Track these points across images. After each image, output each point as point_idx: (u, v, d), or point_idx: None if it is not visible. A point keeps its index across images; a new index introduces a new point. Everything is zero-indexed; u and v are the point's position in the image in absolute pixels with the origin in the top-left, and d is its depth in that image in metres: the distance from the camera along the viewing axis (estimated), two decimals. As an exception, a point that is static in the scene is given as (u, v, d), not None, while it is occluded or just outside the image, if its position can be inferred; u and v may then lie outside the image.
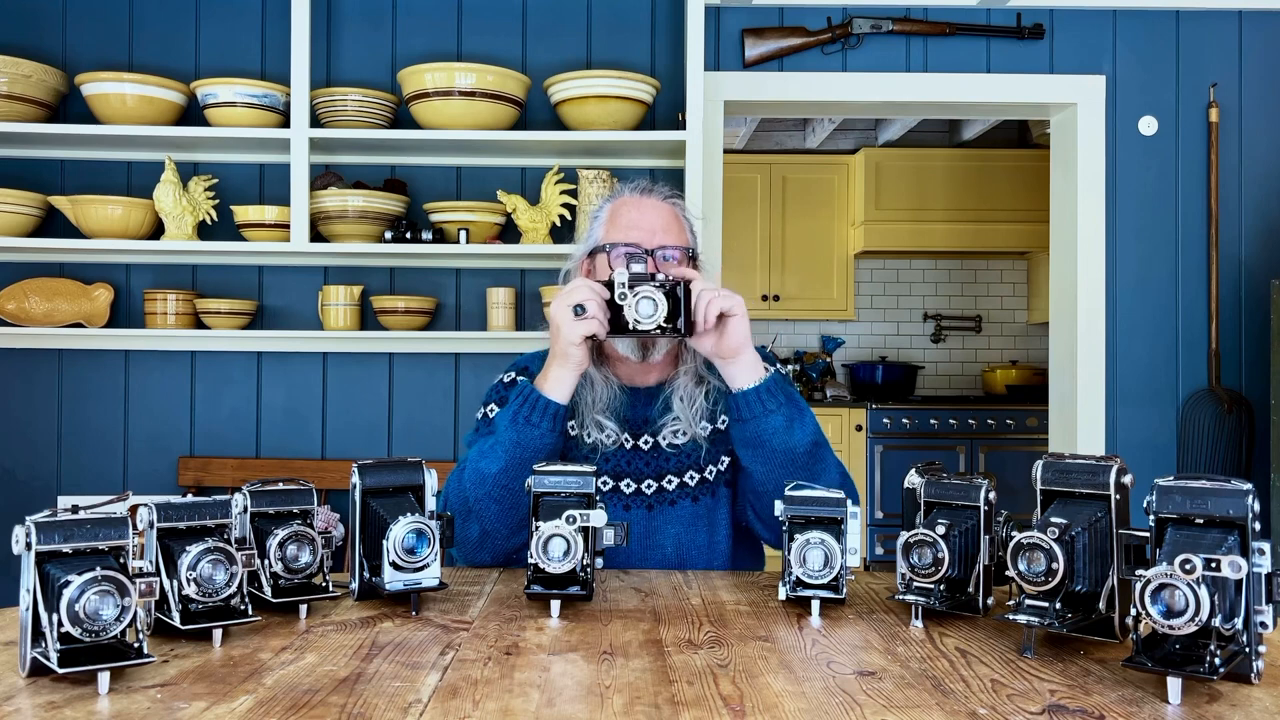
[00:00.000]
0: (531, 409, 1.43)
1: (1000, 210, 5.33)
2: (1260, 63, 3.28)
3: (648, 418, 1.57)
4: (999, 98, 3.25)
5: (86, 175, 3.04)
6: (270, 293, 3.10)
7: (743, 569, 1.57)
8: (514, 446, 1.42)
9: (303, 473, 2.97)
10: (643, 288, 1.37)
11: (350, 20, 3.08)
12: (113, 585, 0.87)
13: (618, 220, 1.58)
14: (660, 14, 3.11)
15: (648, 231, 1.54)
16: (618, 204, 1.61)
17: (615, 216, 1.58)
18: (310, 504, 1.19)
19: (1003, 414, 5.13)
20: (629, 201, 1.59)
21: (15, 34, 3.02)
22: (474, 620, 1.13)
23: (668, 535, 1.52)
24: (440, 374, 3.11)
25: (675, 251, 1.55)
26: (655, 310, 1.37)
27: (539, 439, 1.42)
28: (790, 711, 0.83)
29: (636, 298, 1.36)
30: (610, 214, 1.60)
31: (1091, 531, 0.98)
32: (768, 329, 5.72)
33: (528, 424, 1.42)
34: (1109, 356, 3.26)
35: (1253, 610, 0.86)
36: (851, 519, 1.17)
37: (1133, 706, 0.84)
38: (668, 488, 1.54)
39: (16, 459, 3.07)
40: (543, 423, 1.42)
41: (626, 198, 1.61)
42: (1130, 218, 3.27)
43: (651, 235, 1.54)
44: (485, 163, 3.08)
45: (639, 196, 1.60)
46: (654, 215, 1.56)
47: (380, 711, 0.82)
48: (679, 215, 1.60)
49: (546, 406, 1.43)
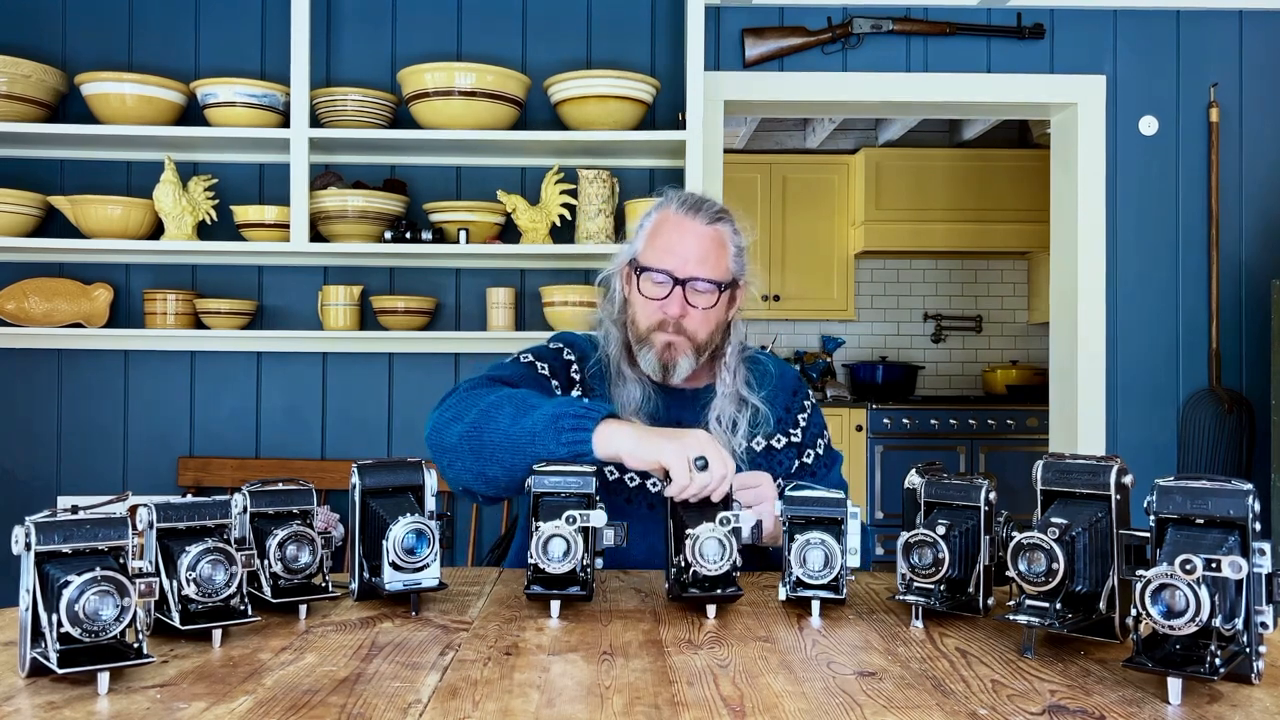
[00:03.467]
0: (574, 433, 1.29)
1: (1000, 210, 5.33)
2: (1260, 63, 3.28)
3: (681, 420, 1.56)
4: (999, 98, 3.25)
5: (86, 175, 3.04)
6: (270, 293, 3.10)
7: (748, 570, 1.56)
8: (528, 435, 1.31)
9: (303, 473, 2.97)
10: (704, 528, 1.15)
11: (350, 20, 3.08)
12: (112, 585, 0.87)
13: (657, 239, 1.52)
14: (660, 14, 3.11)
15: (682, 260, 1.49)
16: (661, 218, 1.55)
17: (656, 233, 1.53)
18: (310, 504, 1.19)
19: (1003, 414, 5.13)
20: (672, 220, 1.53)
21: (15, 34, 3.02)
22: (474, 620, 1.13)
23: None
24: (440, 374, 3.11)
25: (708, 284, 1.50)
26: (721, 555, 1.15)
27: (547, 455, 1.28)
28: (790, 712, 0.83)
29: (697, 543, 1.14)
30: (653, 228, 1.55)
31: (1092, 532, 0.98)
32: (768, 329, 5.72)
33: (555, 436, 1.29)
34: (1109, 356, 3.26)
35: (1253, 610, 0.86)
36: (851, 519, 1.17)
37: (1133, 707, 0.84)
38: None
39: (16, 459, 3.07)
40: (561, 450, 1.28)
41: (671, 214, 1.54)
42: (1130, 218, 3.27)
43: (685, 264, 1.49)
44: (485, 163, 3.08)
45: (683, 216, 1.53)
46: (693, 241, 1.50)
47: (380, 712, 0.82)
48: (724, 240, 1.53)
49: (580, 448, 1.28)
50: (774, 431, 1.61)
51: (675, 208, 1.55)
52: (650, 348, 1.53)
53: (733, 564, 1.13)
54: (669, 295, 1.50)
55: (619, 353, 1.58)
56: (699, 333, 1.53)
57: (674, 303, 1.50)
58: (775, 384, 1.65)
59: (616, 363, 1.58)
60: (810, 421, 1.68)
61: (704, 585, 1.15)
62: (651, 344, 1.53)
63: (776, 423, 1.62)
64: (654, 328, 1.52)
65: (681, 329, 1.51)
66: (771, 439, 1.61)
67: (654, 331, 1.52)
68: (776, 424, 1.62)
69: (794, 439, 1.65)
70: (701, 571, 1.13)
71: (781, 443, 1.62)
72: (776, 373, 1.67)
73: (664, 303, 1.51)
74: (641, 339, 1.54)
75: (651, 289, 1.52)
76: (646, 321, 1.53)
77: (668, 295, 1.50)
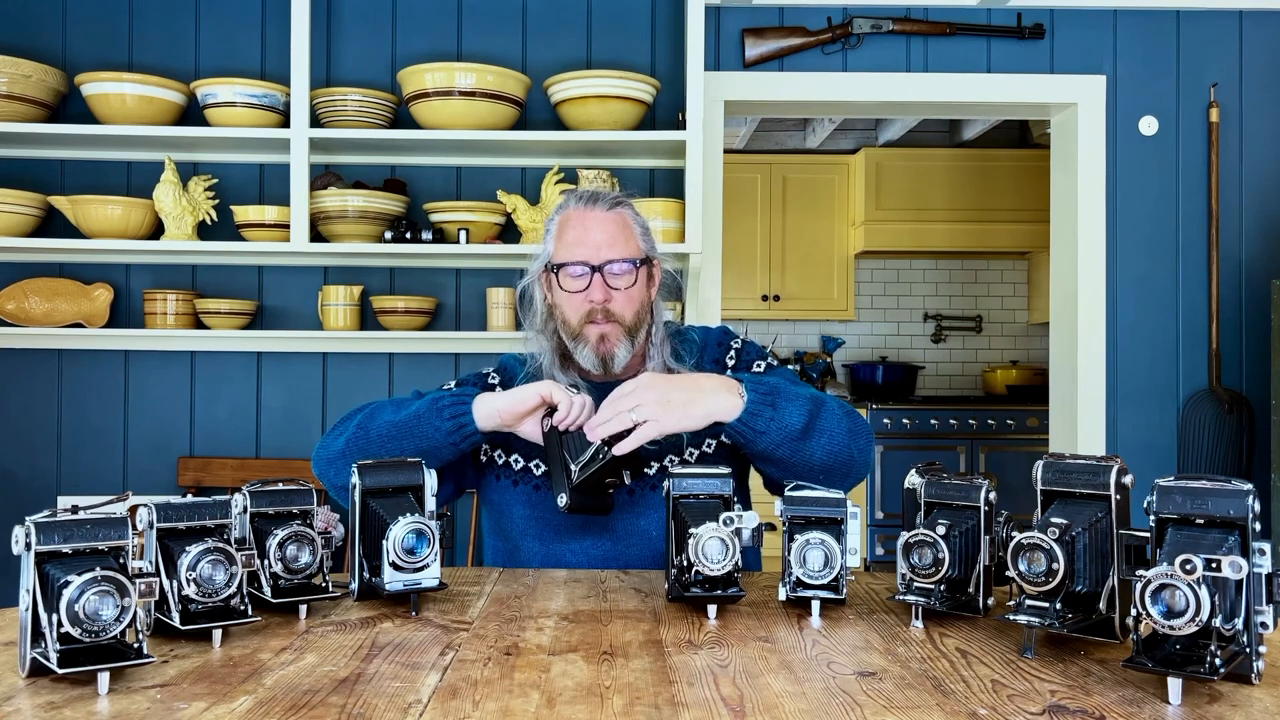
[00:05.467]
0: (454, 407, 1.44)
1: (1000, 210, 5.32)
2: (1260, 63, 3.28)
3: None
4: (999, 98, 3.25)
5: (86, 175, 3.04)
6: (270, 293, 3.10)
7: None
8: (412, 418, 1.45)
9: (303, 473, 2.97)
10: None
11: (350, 20, 3.08)
12: (112, 585, 0.87)
13: (564, 236, 1.57)
14: (660, 14, 3.11)
15: (593, 248, 1.53)
16: (564, 218, 1.59)
17: (562, 232, 1.57)
18: (310, 504, 1.19)
19: (1003, 414, 5.13)
20: (573, 215, 1.58)
21: (15, 34, 3.02)
22: (474, 620, 1.13)
23: (652, 520, 1.53)
24: (440, 374, 3.11)
25: (623, 264, 1.54)
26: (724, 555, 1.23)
27: (432, 432, 1.44)
28: (790, 712, 0.83)
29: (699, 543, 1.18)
30: (558, 229, 1.58)
31: (1092, 532, 0.98)
32: (768, 329, 5.72)
33: (438, 414, 1.44)
34: (1109, 356, 3.26)
35: (1253, 610, 0.86)
36: (851, 519, 1.17)
37: (1133, 707, 0.84)
38: (648, 473, 1.55)
39: (16, 459, 3.07)
40: (445, 424, 1.44)
41: (571, 211, 1.58)
42: (1130, 218, 3.27)
43: (598, 250, 1.53)
44: (485, 163, 3.08)
45: (583, 209, 1.57)
46: (598, 229, 1.55)
47: (380, 712, 0.82)
48: (627, 222, 1.58)
49: (463, 419, 1.44)
50: None
51: (574, 204, 1.59)
52: (585, 343, 1.55)
53: (735, 564, 1.13)
54: (590, 284, 1.53)
55: (551, 361, 1.61)
56: (625, 314, 1.55)
57: (596, 289, 1.53)
58: (700, 349, 1.65)
59: (549, 370, 1.61)
60: (741, 356, 1.66)
61: (706, 585, 1.15)
62: (585, 339, 1.55)
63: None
64: (584, 320, 1.55)
65: (610, 314, 1.54)
66: None
67: (585, 325, 1.54)
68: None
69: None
70: (704, 571, 1.13)
71: None
72: (701, 340, 1.68)
73: (586, 292, 1.53)
74: (575, 336, 1.56)
75: (571, 283, 1.54)
76: (575, 316, 1.55)
77: (589, 285, 1.53)
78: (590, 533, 1.54)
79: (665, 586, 1.23)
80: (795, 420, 1.39)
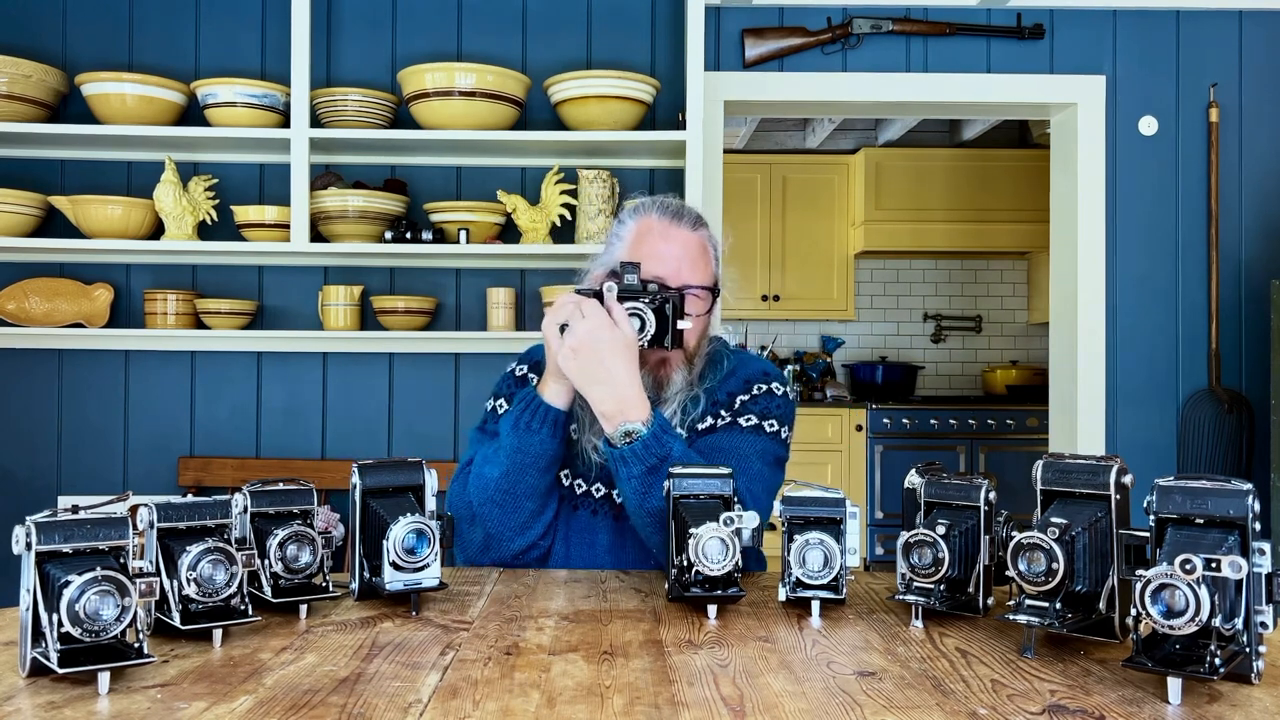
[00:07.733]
0: (532, 415, 1.42)
1: (1000, 210, 5.33)
2: (1260, 63, 3.28)
3: None
4: (999, 98, 3.25)
5: (86, 175, 3.04)
6: (270, 293, 3.10)
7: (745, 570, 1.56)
8: (515, 452, 1.42)
9: (303, 473, 2.97)
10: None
11: (350, 20, 3.08)
12: (113, 585, 0.87)
13: (642, 247, 1.48)
14: (660, 14, 3.11)
15: (674, 268, 1.46)
16: (644, 226, 1.50)
17: (640, 241, 1.49)
18: (310, 504, 1.19)
19: (1003, 414, 5.13)
20: (656, 226, 1.49)
21: (15, 34, 3.02)
22: (474, 620, 1.13)
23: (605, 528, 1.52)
24: (440, 374, 3.11)
25: (700, 290, 1.48)
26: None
27: (539, 445, 1.42)
28: (790, 712, 0.83)
29: (700, 543, 1.21)
30: (635, 237, 1.50)
31: (1092, 531, 0.98)
32: (768, 329, 5.72)
33: (528, 430, 1.42)
34: (1109, 356, 3.26)
35: (1253, 610, 0.86)
36: (850, 519, 1.17)
37: (1133, 707, 0.84)
38: (595, 494, 1.52)
39: (16, 459, 3.07)
40: (542, 429, 1.42)
41: (654, 221, 1.50)
42: (1130, 218, 3.27)
43: (678, 272, 1.46)
44: (485, 163, 3.08)
45: (667, 223, 1.49)
46: (681, 249, 1.48)
47: (380, 712, 0.82)
48: (707, 246, 1.52)
49: (546, 413, 1.42)
50: (704, 414, 1.52)
51: (657, 215, 1.50)
52: (643, 364, 1.42)
53: (735, 564, 1.13)
54: None
55: None
56: (690, 341, 1.48)
57: None
58: (724, 376, 1.56)
59: None
60: (746, 404, 1.52)
61: (706, 585, 1.15)
62: (644, 360, 1.44)
63: (712, 404, 1.53)
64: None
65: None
66: (699, 422, 1.52)
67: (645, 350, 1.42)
68: (712, 406, 1.53)
69: (722, 419, 1.52)
70: (704, 571, 1.13)
71: (705, 424, 1.52)
72: (729, 367, 1.57)
73: None
74: None
75: None
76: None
77: None
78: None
79: (665, 587, 1.23)
80: (632, 493, 1.36)
